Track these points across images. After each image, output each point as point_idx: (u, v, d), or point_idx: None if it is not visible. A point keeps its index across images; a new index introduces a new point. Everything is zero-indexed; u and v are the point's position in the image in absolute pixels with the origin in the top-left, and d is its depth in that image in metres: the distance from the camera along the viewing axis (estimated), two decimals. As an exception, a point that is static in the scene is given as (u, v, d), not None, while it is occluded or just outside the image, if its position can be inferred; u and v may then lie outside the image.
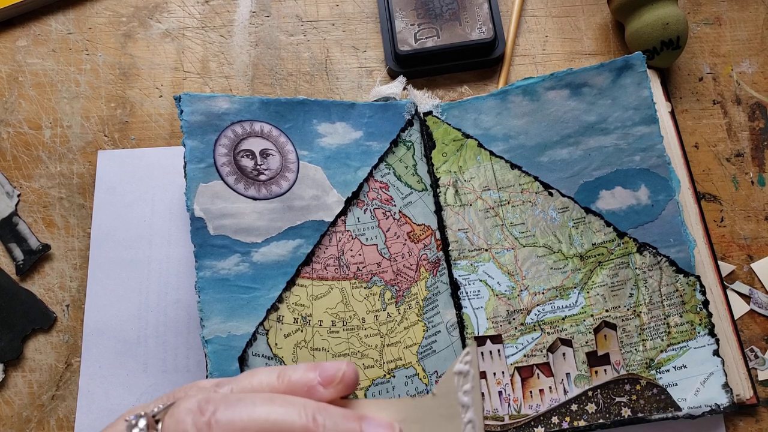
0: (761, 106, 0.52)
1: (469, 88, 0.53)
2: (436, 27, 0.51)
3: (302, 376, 0.26)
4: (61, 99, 0.52)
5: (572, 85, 0.47)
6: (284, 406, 0.24)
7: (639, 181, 0.46)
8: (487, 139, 0.48)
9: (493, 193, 0.48)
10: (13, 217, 0.49)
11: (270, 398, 0.24)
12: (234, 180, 0.43)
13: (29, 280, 0.48)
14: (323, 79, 0.53)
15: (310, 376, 0.26)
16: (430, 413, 0.26)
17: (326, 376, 0.26)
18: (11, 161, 0.51)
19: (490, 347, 0.46)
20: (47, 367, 0.47)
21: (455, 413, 0.25)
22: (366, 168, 0.46)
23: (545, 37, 0.54)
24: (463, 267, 0.47)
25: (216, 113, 0.43)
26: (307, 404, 0.24)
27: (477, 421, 0.25)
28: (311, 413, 0.24)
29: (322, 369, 0.26)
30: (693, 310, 0.45)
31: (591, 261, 0.46)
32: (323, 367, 0.26)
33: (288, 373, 0.26)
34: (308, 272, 0.44)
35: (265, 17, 0.55)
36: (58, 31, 0.54)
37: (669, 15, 0.49)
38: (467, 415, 0.25)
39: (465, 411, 0.25)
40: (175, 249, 0.48)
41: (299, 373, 0.26)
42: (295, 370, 0.26)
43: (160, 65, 0.53)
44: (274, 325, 0.42)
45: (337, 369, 0.26)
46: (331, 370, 0.26)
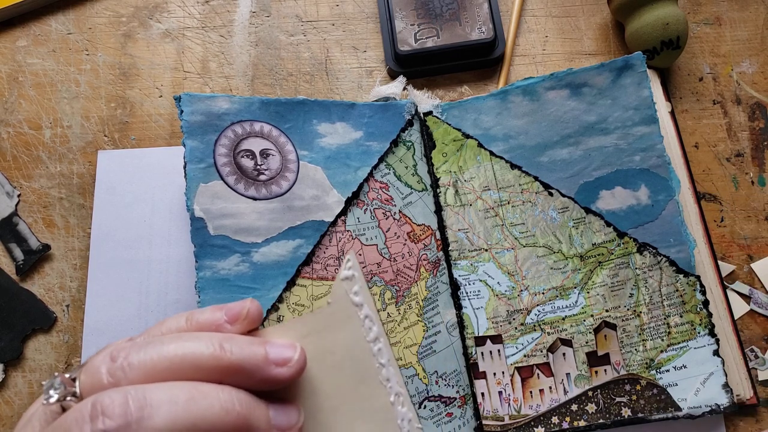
0: (761, 106, 0.52)
1: (469, 88, 0.53)
2: (436, 27, 0.51)
3: (209, 316, 0.27)
4: (61, 99, 0.52)
5: (572, 85, 0.47)
6: (192, 340, 0.25)
7: (639, 181, 0.46)
8: (487, 139, 0.48)
9: (493, 193, 0.48)
10: (13, 217, 0.49)
11: (178, 336, 0.25)
12: (234, 180, 0.43)
13: (29, 280, 0.48)
14: (323, 79, 0.53)
15: (217, 315, 0.27)
16: (330, 320, 0.28)
17: (232, 314, 0.27)
18: (11, 161, 0.51)
19: (490, 347, 0.46)
20: (47, 367, 0.47)
21: (352, 313, 0.28)
22: (366, 168, 0.46)
23: (545, 37, 0.54)
24: (463, 267, 0.47)
25: (216, 113, 0.43)
26: (214, 336, 0.25)
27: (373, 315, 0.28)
28: (218, 342, 0.25)
29: (228, 308, 0.27)
30: (693, 310, 0.45)
31: (591, 261, 0.46)
32: (229, 307, 0.28)
33: (195, 315, 0.28)
34: (308, 272, 0.44)
35: (265, 17, 0.55)
36: (58, 31, 0.54)
37: (669, 15, 0.49)
38: (363, 312, 0.28)
39: (360, 309, 0.28)
40: (175, 249, 0.48)
41: (206, 314, 0.27)
42: (202, 312, 0.28)
43: (160, 65, 0.53)
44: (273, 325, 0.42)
45: (242, 306, 0.27)
46: (236, 308, 0.27)
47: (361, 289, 0.28)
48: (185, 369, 0.24)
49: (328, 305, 0.29)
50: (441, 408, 0.44)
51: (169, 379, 0.24)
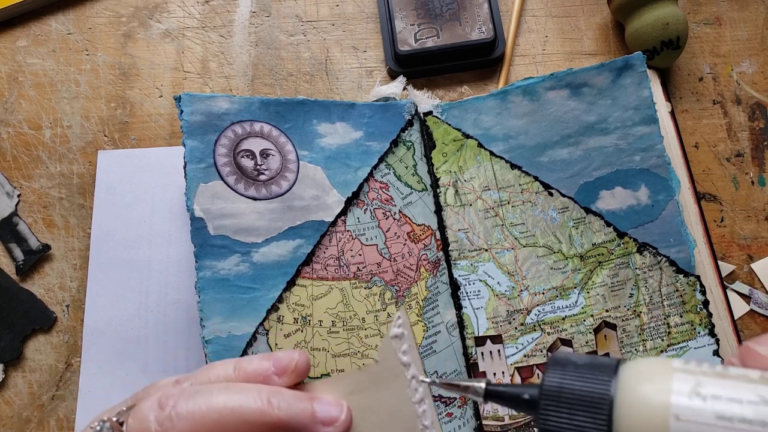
0: (761, 106, 0.52)
1: (469, 88, 0.53)
2: (436, 27, 0.51)
3: (257, 366, 0.27)
4: (61, 99, 0.52)
5: (572, 85, 0.47)
6: (240, 392, 0.25)
7: (639, 181, 0.46)
8: (487, 139, 0.48)
9: (493, 193, 0.48)
10: (13, 217, 0.49)
11: (226, 387, 0.25)
12: (234, 180, 0.43)
13: (29, 280, 0.48)
14: (323, 79, 0.53)
15: (265, 365, 0.27)
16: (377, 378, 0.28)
17: (280, 366, 0.27)
18: (11, 161, 0.51)
19: (490, 347, 0.46)
20: (47, 367, 0.47)
21: (399, 372, 0.28)
22: (366, 168, 0.46)
23: (545, 37, 0.54)
24: (463, 267, 0.47)
25: (216, 113, 0.43)
26: (262, 389, 0.25)
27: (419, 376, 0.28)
28: (266, 396, 0.25)
29: (276, 359, 0.27)
30: (693, 310, 0.45)
31: (591, 261, 0.46)
32: (277, 357, 0.28)
33: (243, 364, 0.28)
34: (308, 272, 0.44)
35: (265, 17, 0.55)
36: (58, 31, 0.54)
37: (669, 15, 0.49)
38: (410, 372, 0.28)
39: (407, 369, 0.28)
40: (175, 249, 0.48)
41: (254, 363, 0.27)
42: (250, 361, 0.28)
43: (160, 65, 0.53)
44: (274, 325, 0.42)
45: (290, 359, 0.27)
46: (284, 360, 0.27)
47: (409, 349, 0.28)
48: (233, 422, 0.24)
49: (376, 363, 0.28)
50: (441, 408, 0.44)
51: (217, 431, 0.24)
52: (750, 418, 0.20)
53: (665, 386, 0.21)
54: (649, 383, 0.22)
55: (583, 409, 0.22)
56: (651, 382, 0.22)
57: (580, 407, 0.22)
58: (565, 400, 0.22)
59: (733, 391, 0.21)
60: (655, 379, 0.22)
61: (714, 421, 0.20)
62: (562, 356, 0.24)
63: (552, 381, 0.23)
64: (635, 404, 0.21)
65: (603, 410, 0.22)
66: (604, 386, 0.22)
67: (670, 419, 0.21)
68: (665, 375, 0.22)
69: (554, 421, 0.22)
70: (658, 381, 0.21)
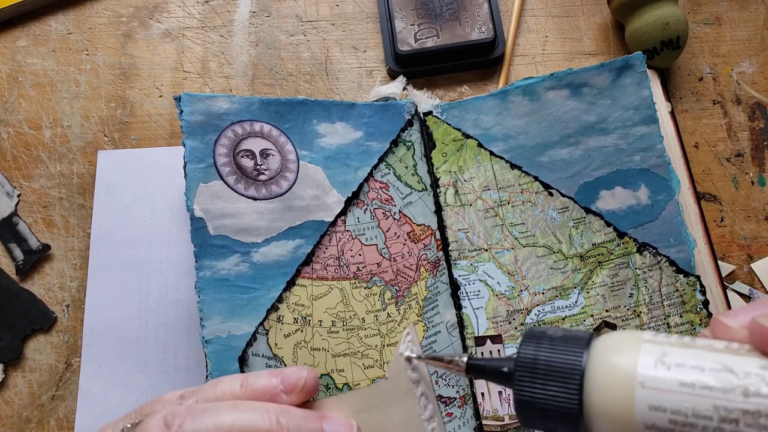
0: (761, 106, 0.52)
1: (469, 88, 0.53)
2: (436, 27, 0.51)
3: (265, 383, 0.27)
4: (61, 99, 0.52)
5: (572, 85, 0.47)
6: (248, 412, 0.25)
7: (639, 181, 0.46)
8: (487, 139, 0.48)
9: (493, 193, 0.48)
10: (13, 217, 0.49)
11: (234, 405, 0.25)
12: (234, 180, 0.43)
13: (29, 280, 0.48)
14: (323, 79, 0.53)
15: (273, 383, 0.27)
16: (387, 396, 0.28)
17: (288, 383, 0.27)
18: (11, 161, 0.51)
19: (490, 347, 0.46)
20: (47, 367, 0.47)
21: (408, 389, 0.28)
22: (366, 168, 0.46)
23: (545, 37, 0.54)
24: (463, 267, 0.47)
25: (216, 113, 0.43)
26: (270, 408, 0.25)
27: (429, 393, 0.28)
28: (275, 416, 0.25)
29: (284, 376, 0.27)
30: (693, 310, 0.45)
31: (591, 261, 0.46)
32: (285, 375, 0.27)
33: (251, 381, 0.27)
34: (308, 272, 0.44)
35: (265, 17, 0.55)
36: (58, 31, 0.54)
37: (669, 15, 0.49)
38: (419, 389, 0.28)
39: (416, 386, 0.28)
40: (175, 249, 0.48)
41: (262, 380, 0.27)
42: (257, 378, 0.27)
43: (160, 65, 0.53)
44: (274, 325, 0.42)
45: (299, 377, 0.27)
46: (293, 377, 0.27)
47: (418, 365, 0.28)
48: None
49: (385, 380, 0.28)
50: (441, 408, 0.44)
51: None
52: (711, 385, 0.20)
53: (632, 356, 0.22)
54: (618, 354, 0.22)
55: (555, 380, 0.23)
56: (620, 353, 0.22)
57: (553, 378, 0.23)
58: (539, 371, 0.23)
59: (697, 360, 0.21)
60: (624, 351, 0.22)
61: (677, 388, 0.21)
62: (538, 330, 0.25)
63: (527, 353, 0.24)
64: (605, 374, 0.22)
65: (575, 380, 0.22)
66: (577, 357, 0.23)
67: (635, 387, 0.21)
68: (634, 346, 0.22)
69: (528, 392, 0.23)
70: (626, 352, 0.22)
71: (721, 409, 0.20)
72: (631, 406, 0.21)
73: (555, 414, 0.22)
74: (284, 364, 0.42)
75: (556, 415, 0.22)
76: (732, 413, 0.20)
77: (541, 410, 0.23)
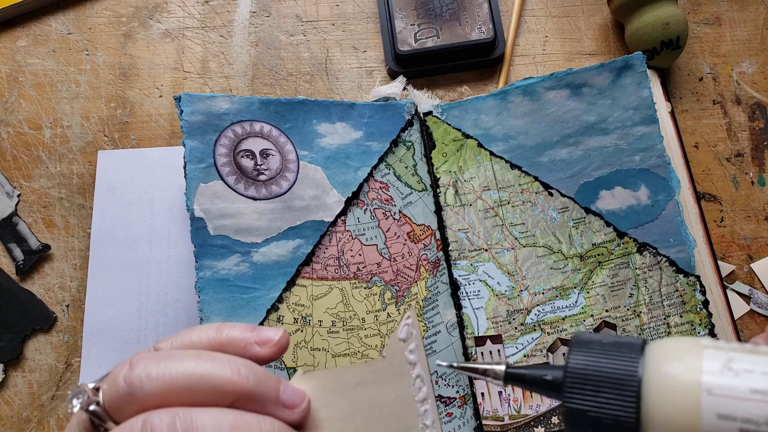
0: (761, 106, 0.52)
1: (469, 88, 0.53)
2: (436, 27, 0.51)
3: (241, 333, 0.28)
4: (61, 99, 0.52)
5: (572, 85, 0.47)
6: (211, 360, 0.25)
7: (639, 181, 0.46)
8: (487, 139, 0.48)
9: (493, 193, 0.48)
10: (13, 217, 0.49)
11: (198, 354, 0.26)
12: (234, 180, 0.43)
13: (29, 280, 0.48)
14: (323, 79, 0.53)
15: (248, 333, 0.28)
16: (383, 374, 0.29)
17: (263, 336, 0.28)
18: (11, 161, 0.51)
19: (490, 347, 0.46)
20: (47, 367, 0.47)
21: (405, 371, 0.28)
22: (366, 168, 0.46)
23: (545, 37, 0.54)
24: (463, 267, 0.47)
25: (216, 113, 0.43)
26: (233, 359, 0.26)
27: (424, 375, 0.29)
28: (236, 367, 0.25)
29: (260, 330, 0.28)
30: (693, 310, 0.45)
31: (591, 261, 0.46)
32: (260, 329, 0.28)
33: (227, 328, 0.28)
34: (308, 272, 0.44)
35: (265, 17, 0.55)
36: (58, 31, 0.54)
37: (669, 15, 0.49)
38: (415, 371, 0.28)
39: (413, 368, 0.28)
40: (175, 249, 0.48)
41: (238, 329, 0.28)
42: (234, 327, 0.28)
43: (160, 65, 0.53)
44: (274, 325, 0.42)
45: (275, 332, 0.28)
46: (269, 332, 0.28)
47: (416, 348, 0.29)
48: (201, 389, 0.24)
49: (383, 359, 0.29)
50: (441, 408, 0.44)
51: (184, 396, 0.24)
52: None
53: (695, 363, 0.21)
54: (677, 361, 0.21)
55: (610, 390, 0.21)
56: (680, 360, 0.21)
57: (606, 387, 0.21)
58: (591, 381, 0.22)
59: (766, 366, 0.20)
60: (684, 357, 0.21)
61: (748, 395, 0.20)
62: (586, 336, 0.23)
63: (577, 361, 0.22)
64: (665, 382, 0.21)
65: (632, 390, 0.21)
66: (632, 365, 0.21)
67: (702, 394, 0.20)
68: (695, 352, 0.21)
69: (579, 402, 0.22)
70: (687, 359, 0.21)
71: None
72: (697, 415, 0.20)
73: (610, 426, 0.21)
74: (284, 365, 0.42)
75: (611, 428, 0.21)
76: None
77: (594, 421, 0.21)
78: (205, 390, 0.24)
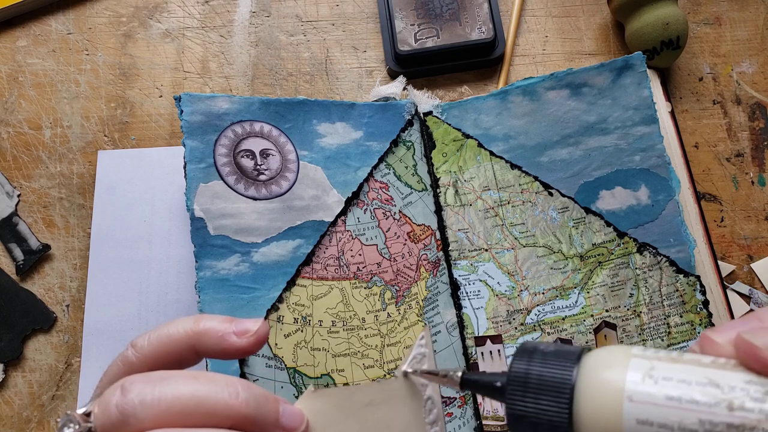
0: (761, 106, 0.52)
1: (469, 88, 0.53)
2: (436, 27, 0.51)
3: (218, 324, 0.27)
4: (61, 99, 0.52)
5: (572, 85, 0.47)
6: (208, 384, 0.24)
7: (639, 181, 0.46)
8: (487, 139, 0.48)
9: (493, 193, 0.48)
10: (13, 217, 0.49)
11: (194, 376, 0.25)
12: (234, 180, 0.43)
13: (29, 280, 0.48)
14: (323, 79, 0.53)
15: (225, 326, 0.27)
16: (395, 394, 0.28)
17: (241, 327, 0.27)
18: (11, 161, 0.51)
19: (490, 347, 0.46)
20: (47, 367, 0.47)
21: (416, 392, 0.28)
22: (366, 168, 0.46)
23: (545, 37, 0.54)
24: (463, 267, 0.47)
25: (216, 113, 0.43)
26: (231, 381, 0.25)
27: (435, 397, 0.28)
28: (234, 390, 0.25)
29: (238, 321, 0.28)
30: (693, 310, 0.45)
31: (591, 261, 0.46)
32: (239, 320, 0.28)
33: (204, 319, 0.27)
34: (308, 272, 0.44)
35: (265, 17, 0.55)
36: (58, 31, 0.54)
37: (669, 15, 0.49)
38: (426, 393, 0.28)
39: (424, 389, 0.28)
40: (175, 249, 0.48)
41: (216, 321, 0.27)
42: (212, 318, 0.28)
43: (160, 65, 0.53)
44: (274, 325, 0.42)
45: (254, 323, 0.28)
46: (247, 323, 0.28)
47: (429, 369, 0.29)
48: (198, 414, 0.24)
49: (395, 379, 0.29)
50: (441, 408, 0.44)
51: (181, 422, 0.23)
52: (697, 399, 0.21)
53: (621, 371, 0.22)
54: (607, 369, 0.23)
55: (547, 394, 0.23)
56: (609, 367, 0.23)
57: (544, 392, 0.23)
58: (530, 386, 0.23)
59: (684, 374, 0.22)
60: (613, 365, 0.23)
61: (664, 402, 0.21)
62: (530, 345, 0.25)
63: (519, 368, 0.24)
64: (594, 389, 0.22)
65: (565, 395, 0.23)
66: (567, 372, 0.23)
67: (623, 401, 0.22)
68: (623, 361, 0.23)
69: (520, 406, 0.23)
70: (615, 366, 0.23)
71: (706, 423, 0.20)
72: (619, 420, 0.21)
73: (546, 428, 0.23)
74: (284, 365, 0.42)
75: (547, 429, 0.23)
76: (717, 427, 0.20)
77: (533, 424, 0.23)
78: (203, 415, 0.24)
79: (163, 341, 0.27)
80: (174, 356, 0.27)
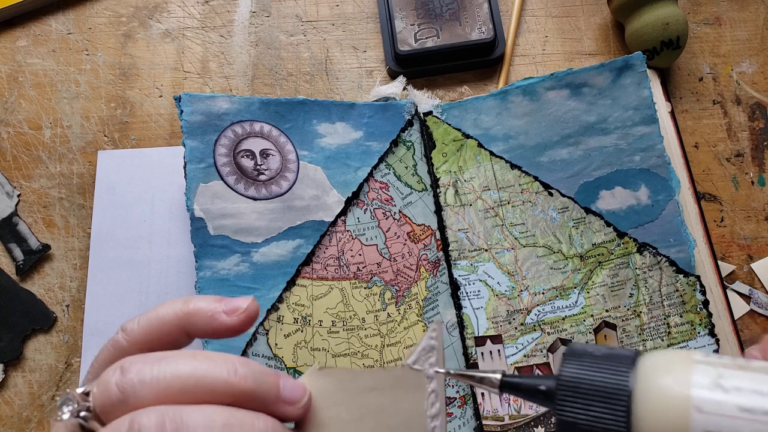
0: (761, 106, 0.52)
1: (469, 88, 0.53)
2: (436, 27, 0.51)
3: (208, 303, 0.27)
4: (61, 99, 0.52)
5: (572, 85, 0.47)
6: (207, 361, 0.24)
7: (639, 181, 0.46)
8: (487, 139, 0.48)
9: (493, 193, 0.48)
10: (13, 217, 0.49)
11: (192, 354, 0.25)
12: (234, 180, 0.43)
13: (29, 280, 0.48)
14: (323, 79, 0.53)
15: (215, 305, 0.27)
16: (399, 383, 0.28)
17: (231, 305, 0.27)
18: (11, 161, 0.51)
19: (490, 347, 0.46)
20: (47, 367, 0.47)
21: (421, 383, 0.28)
22: (366, 168, 0.46)
23: (545, 37, 0.54)
24: (463, 267, 0.47)
25: (216, 113, 0.43)
26: (229, 358, 0.25)
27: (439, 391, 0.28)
28: (233, 366, 0.25)
29: (228, 300, 0.28)
30: (693, 310, 0.45)
31: (591, 261, 0.46)
32: (229, 299, 0.28)
33: (194, 299, 0.27)
34: (308, 272, 0.44)
35: (265, 17, 0.55)
36: (58, 31, 0.54)
37: (669, 15, 0.49)
38: (431, 386, 0.28)
39: (429, 382, 0.28)
40: (175, 249, 0.48)
41: (206, 301, 0.27)
42: (201, 299, 0.28)
43: (160, 65, 0.53)
44: (274, 325, 0.42)
45: (243, 301, 0.27)
46: (237, 301, 0.27)
47: (437, 363, 0.28)
48: (198, 391, 0.24)
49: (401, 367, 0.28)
50: (441, 408, 0.44)
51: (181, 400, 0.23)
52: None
53: (685, 378, 0.21)
54: (668, 375, 0.21)
55: (601, 401, 0.21)
56: (670, 374, 0.21)
57: (597, 399, 0.22)
58: (582, 392, 0.22)
59: (757, 384, 0.20)
60: (675, 371, 0.21)
61: (737, 413, 0.20)
62: (578, 347, 0.24)
63: (569, 372, 0.23)
64: (655, 397, 0.21)
65: (622, 402, 0.21)
66: (623, 378, 0.21)
67: (691, 411, 0.20)
68: (685, 367, 0.21)
69: (571, 413, 0.22)
70: (677, 373, 0.21)
71: None
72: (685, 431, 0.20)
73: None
74: (284, 365, 0.42)
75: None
76: None
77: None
78: (202, 392, 0.24)
79: (153, 323, 0.26)
80: (165, 338, 0.27)
